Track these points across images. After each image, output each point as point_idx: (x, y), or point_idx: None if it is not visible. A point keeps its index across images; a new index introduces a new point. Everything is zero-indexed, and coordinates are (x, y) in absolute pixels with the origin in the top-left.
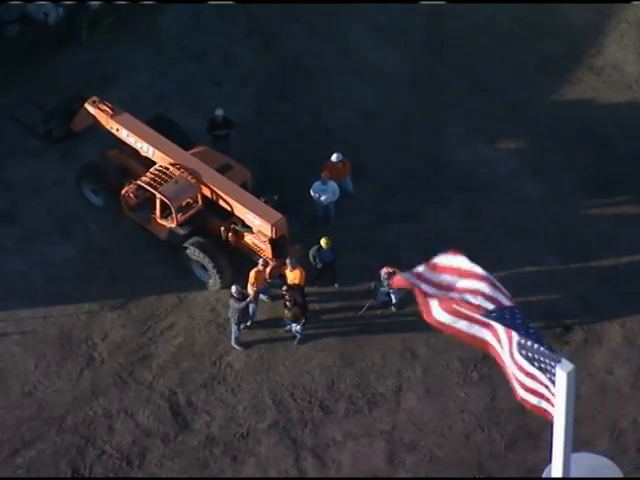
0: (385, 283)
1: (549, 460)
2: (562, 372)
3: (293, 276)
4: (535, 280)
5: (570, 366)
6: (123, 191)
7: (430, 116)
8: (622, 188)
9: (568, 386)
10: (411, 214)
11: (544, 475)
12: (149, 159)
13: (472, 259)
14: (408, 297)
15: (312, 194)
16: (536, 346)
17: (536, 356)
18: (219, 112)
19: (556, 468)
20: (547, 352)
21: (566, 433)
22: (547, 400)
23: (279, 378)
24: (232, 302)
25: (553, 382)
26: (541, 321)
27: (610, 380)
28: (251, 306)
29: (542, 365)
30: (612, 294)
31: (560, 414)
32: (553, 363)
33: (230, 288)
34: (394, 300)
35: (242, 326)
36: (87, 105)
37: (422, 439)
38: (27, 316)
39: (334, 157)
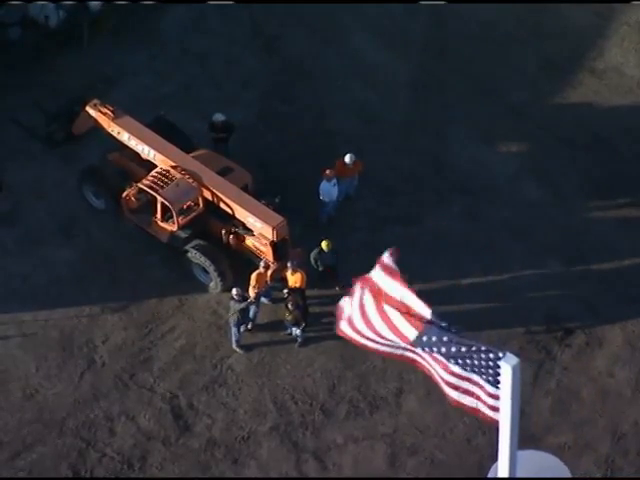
0: None
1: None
2: (507, 366)
3: (294, 279)
4: (536, 283)
5: (515, 360)
6: (124, 194)
7: (431, 118)
8: (623, 191)
9: (513, 380)
10: (412, 217)
11: (490, 473)
12: (150, 162)
13: (473, 262)
14: None
15: (324, 198)
16: (472, 349)
17: (468, 361)
18: (218, 116)
19: (502, 466)
20: (487, 351)
21: (512, 429)
22: (483, 402)
23: (280, 381)
24: (232, 304)
25: (490, 382)
26: (542, 324)
27: (611, 383)
28: (252, 309)
29: (475, 369)
30: (613, 297)
31: (506, 409)
32: (491, 363)
33: (231, 291)
34: None
35: (242, 328)
36: (88, 108)
37: (423, 442)
38: (28, 319)
39: (347, 158)
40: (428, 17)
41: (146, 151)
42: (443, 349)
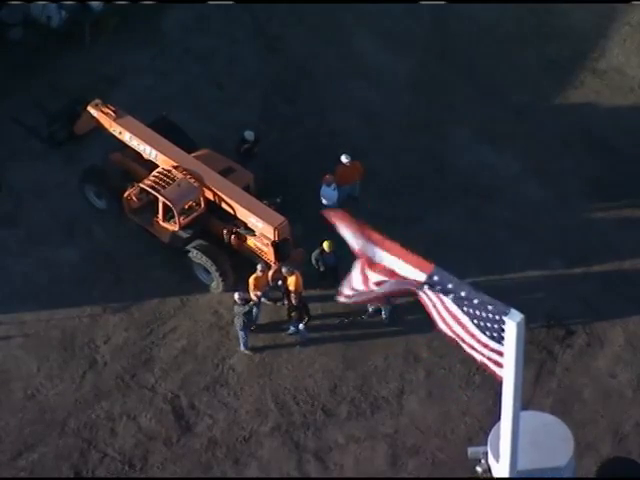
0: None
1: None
2: (512, 322)
3: (289, 281)
4: (538, 283)
5: (520, 316)
6: (126, 194)
7: (433, 119)
8: (625, 191)
9: (518, 337)
10: (414, 217)
11: (492, 433)
12: (152, 162)
13: (475, 261)
14: (407, 304)
15: (325, 202)
16: (476, 302)
17: (477, 312)
18: (249, 136)
19: (505, 426)
20: (492, 306)
21: (515, 388)
22: (489, 359)
23: (281, 381)
24: (236, 308)
25: (495, 339)
26: (543, 324)
27: (613, 384)
28: (254, 309)
29: (481, 323)
30: (615, 297)
31: (509, 367)
32: (497, 317)
33: (233, 290)
34: (384, 315)
35: (248, 331)
36: (90, 108)
37: (424, 442)
38: (30, 319)
39: (343, 158)
40: (429, 17)
41: (148, 151)
42: (451, 295)
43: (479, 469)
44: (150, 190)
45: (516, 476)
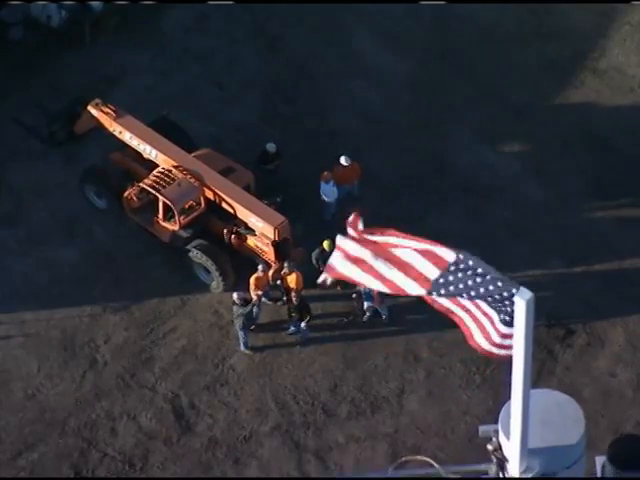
0: (367, 294)
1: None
2: (521, 300)
3: (289, 280)
4: (538, 283)
5: (529, 294)
6: (126, 194)
7: (434, 119)
8: (625, 191)
9: (527, 315)
10: (414, 216)
11: (502, 412)
12: (152, 162)
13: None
14: (406, 304)
15: (326, 199)
16: (489, 287)
17: (489, 293)
18: (271, 147)
19: (515, 405)
20: (501, 286)
21: (525, 367)
22: (501, 346)
23: (282, 381)
24: (235, 309)
25: (506, 323)
26: (544, 324)
27: (613, 383)
28: (254, 309)
29: (492, 305)
30: (615, 297)
31: (519, 345)
32: (507, 302)
33: (233, 290)
34: (383, 315)
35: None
36: (90, 108)
37: (425, 442)
38: (30, 318)
39: (343, 160)
40: (429, 17)
41: (148, 151)
42: (465, 291)
43: (490, 447)
44: (150, 190)
45: (527, 454)
